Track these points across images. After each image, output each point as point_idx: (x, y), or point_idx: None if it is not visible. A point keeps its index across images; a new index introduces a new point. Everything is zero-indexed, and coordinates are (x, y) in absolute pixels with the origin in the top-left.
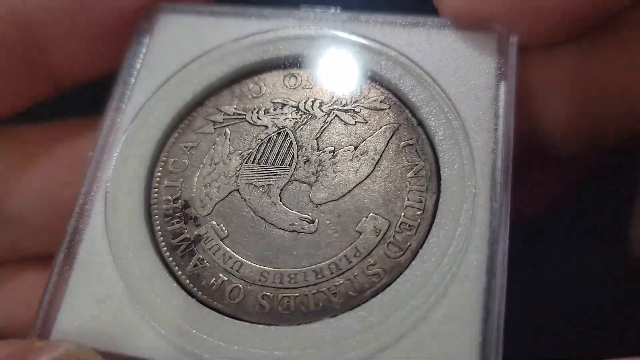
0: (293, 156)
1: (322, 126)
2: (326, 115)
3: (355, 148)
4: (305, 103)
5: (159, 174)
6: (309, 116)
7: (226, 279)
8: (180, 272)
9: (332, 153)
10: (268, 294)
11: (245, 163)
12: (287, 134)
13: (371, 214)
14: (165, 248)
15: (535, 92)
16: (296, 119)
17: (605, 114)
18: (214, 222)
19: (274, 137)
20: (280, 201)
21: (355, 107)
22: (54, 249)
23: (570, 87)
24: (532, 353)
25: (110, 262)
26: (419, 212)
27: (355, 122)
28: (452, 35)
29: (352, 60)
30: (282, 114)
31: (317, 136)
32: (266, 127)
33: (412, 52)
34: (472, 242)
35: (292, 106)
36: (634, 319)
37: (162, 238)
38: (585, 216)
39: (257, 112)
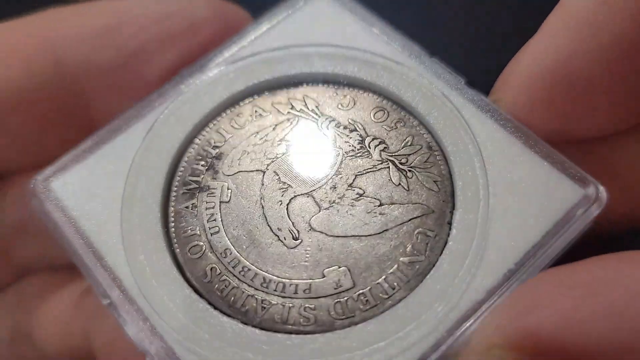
0: (327, 176)
1: (370, 168)
2: (380, 162)
3: (380, 205)
4: (372, 140)
5: (220, 118)
6: (366, 153)
7: (199, 233)
8: (173, 204)
9: (358, 195)
10: (217, 267)
11: (287, 155)
12: (338, 155)
13: (344, 268)
14: (178, 179)
15: None
16: (354, 148)
17: None
18: (226, 185)
19: (328, 150)
20: (287, 205)
21: (410, 170)
22: None
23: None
24: None
25: (129, 159)
26: (384, 296)
27: (399, 183)
28: (541, 166)
29: (441, 132)
30: (347, 135)
31: (358, 173)
32: (327, 138)
33: (492, 159)
34: (401, 356)
35: (360, 136)
36: None
37: (182, 170)
38: None
39: (330, 122)
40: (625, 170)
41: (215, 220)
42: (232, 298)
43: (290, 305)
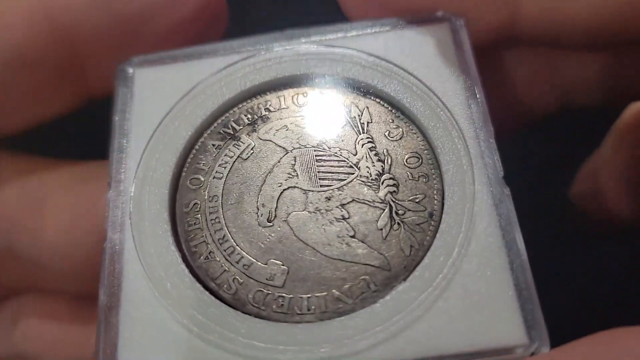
0: (330, 187)
1: (368, 201)
2: (381, 202)
3: (352, 237)
4: (388, 179)
5: (288, 89)
6: (376, 187)
7: (206, 170)
8: (204, 137)
9: (341, 217)
10: (199, 205)
11: (314, 149)
12: (354, 173)
13: (285, 267)
14: (222, 119)
15: None
16: (369, 176)
17: None
18: (253, 145)
19: (348, 165)
20: (283, 190)
21: (399, 224)
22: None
23: None
24: None
25: (197, 81)
26: (297, 311)
27: (381, 229)
28: (507, 294)
29: (446, 208)
30: (373, 163)
31: (357, 199)
32: (355, 155)
33: (470, 259)
34: None
35: (382, 170)
36: None
37: (229, 114)
38: None
39: (367, 142)
40: None
41: (225, 168)
42: (192, 236)
43: (226, 269)
